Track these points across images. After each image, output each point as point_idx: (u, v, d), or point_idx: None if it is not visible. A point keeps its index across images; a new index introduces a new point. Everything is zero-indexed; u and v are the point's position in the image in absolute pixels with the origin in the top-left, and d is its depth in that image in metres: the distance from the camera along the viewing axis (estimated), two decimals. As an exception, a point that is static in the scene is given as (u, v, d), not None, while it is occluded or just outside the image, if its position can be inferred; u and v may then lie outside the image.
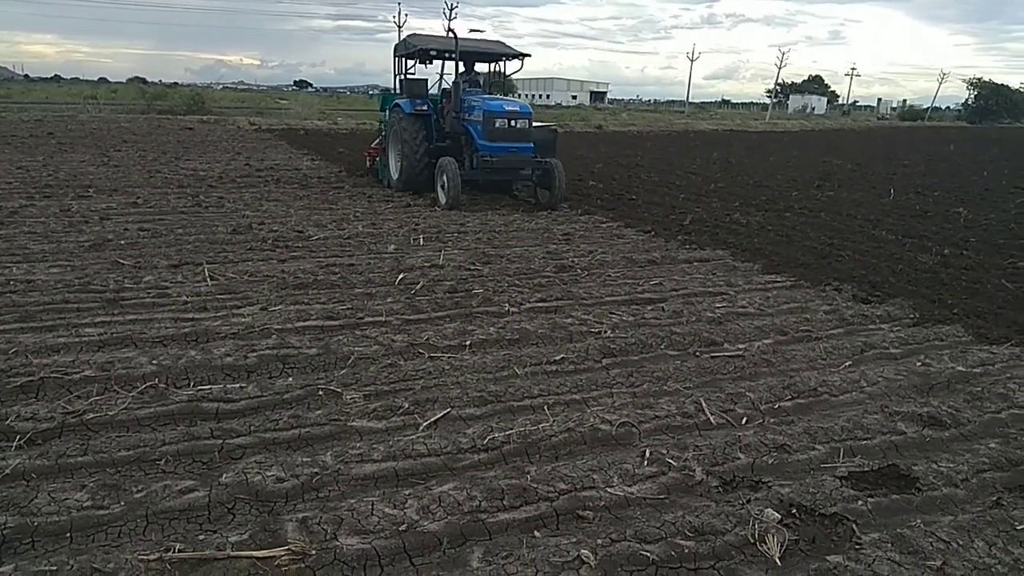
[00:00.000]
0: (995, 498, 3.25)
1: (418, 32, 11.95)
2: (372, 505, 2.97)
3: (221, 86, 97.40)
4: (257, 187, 12.16)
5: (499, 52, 12.18)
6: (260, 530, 2.83)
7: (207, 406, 3.87)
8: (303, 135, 24.40)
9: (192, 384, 4.15)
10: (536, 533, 2.89)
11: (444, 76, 12.54)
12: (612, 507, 3.08)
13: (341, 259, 7.31)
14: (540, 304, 5.96)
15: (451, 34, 11.31)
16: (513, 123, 10.71)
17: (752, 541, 2.84)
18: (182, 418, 3.77)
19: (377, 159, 13.59)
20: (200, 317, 5.28)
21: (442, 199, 10.81)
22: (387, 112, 12.96)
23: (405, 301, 5.83)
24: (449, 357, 4.68)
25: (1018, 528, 2.96)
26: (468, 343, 4.93)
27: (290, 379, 4.27)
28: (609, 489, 3.19)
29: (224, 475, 3.18)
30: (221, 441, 3.50)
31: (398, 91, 12.79)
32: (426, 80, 12.47)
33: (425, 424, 3.74)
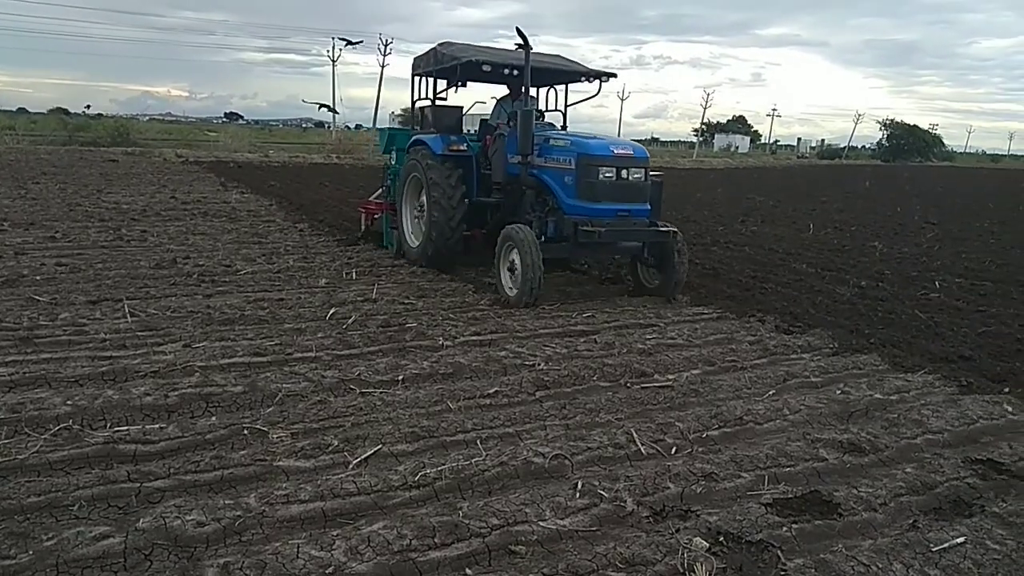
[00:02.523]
0: (912, 521, 3.37)
1: (452, 41, 8.89)
2: (298, 548, 2.88)
3: (148, 117, 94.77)
4: (183, 220, 11.84)
5: (577, 71, 8.59)
6: (179, 577, 2.71)
7: (124, 448, 3.69)
8: (233, 168, 23.97)
9: (108, 425, 3.97)
10: (468, 571, 2.85)
11: (496, 102, 9.12)
12: (545, 541, 3.06)
13: (270, 294, 7.16)
14: (474, 337, 5.95)
15: (520, 42, 7.28)
16: (625, 174, 7.11)
17: (682, 570, 2.87)
18: (97, 461, 3.59)
19: (378, 218, 10.37)
20: (119, 355, 5.07)
21: (508, 287, 7.22)
22: (393, 155, 9.85)
23: (336, 336, 5.73)
24: (381, 392, 4.61)
25: (933, 550, 3.07)
26: (401, 378, 4.87)
27: (213, 418, 4.13)
28: (542, 523, 3.17)
29: (141, 520, 3.03)
30: (139, 484, 3.34)
31: (416, 124, 9.48)
32: (461, 108, 9.21)
33: (355, 462, 3.66)
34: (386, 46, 48.80)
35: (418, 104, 9.35)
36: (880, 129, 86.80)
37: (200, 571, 2.75)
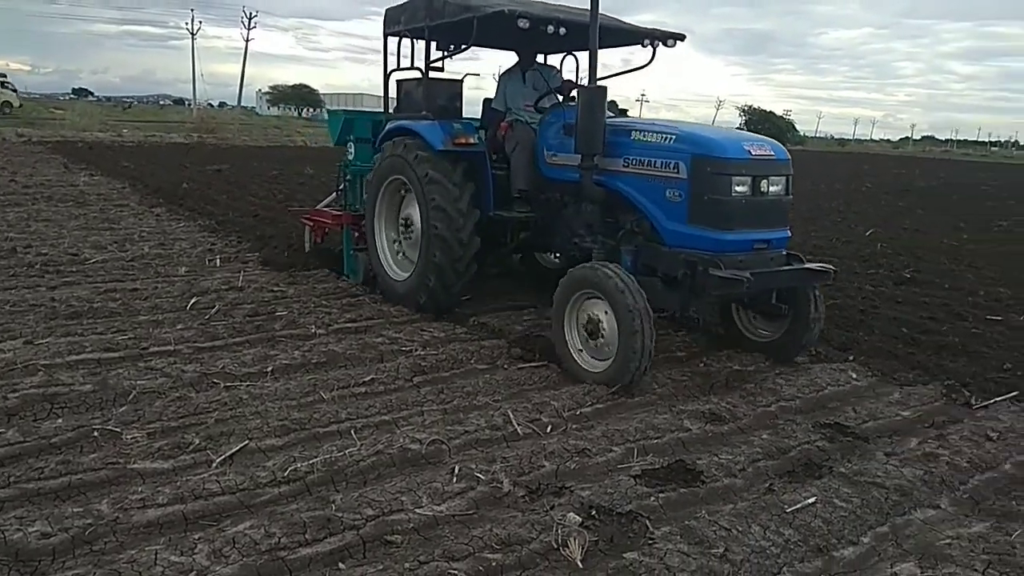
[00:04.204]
0: (768, 484, 3.59)
1: None
2: (156, 554, 2.71)
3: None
4: (24, 206, 10.86)
5: (637, 31, 6.17)
6: (19, 596, 2.48)
7: (-46, 458, 3.35)
8: (82, 148, 22.24)
9: (-65, 434, 3.58)
10: (341, 565, 2.78)
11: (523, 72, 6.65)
12: (421, 528, 3.03)
13: (123, 283, 6.69)
14: (349, 324, 5.80)
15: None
16: (764, 187, 4.77)
17: (556, 546, 2.92)
18: (-77, 473, 3.23)
19: (330, 234, 7.90)
20: (-53, 356, 4.58)
21: (583, 361, 4.91)
22: (351, 148, 7.38)
23: (198, 327, 5.43)
24: (248, 385, 4.41)
25: (788, 511, 3.28)
26: (270, 369, 4.68)
27: (59, 420, 3.81)
28: (418, 510, 3.14)
29: (-25, 536, 2.75)
30: (-28, 497, 3.04)
31: (391, 104, 6.91)
32: (459, 82, 6.80)
33: (219, 460, 3.48)
34: (250, 19, 46.63)
35: (395, 77, 6.84)
36: (739, 115, 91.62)
37: (44, 588, 2.53)
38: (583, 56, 6.67)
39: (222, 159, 20.90)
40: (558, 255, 6.74)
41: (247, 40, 47.21)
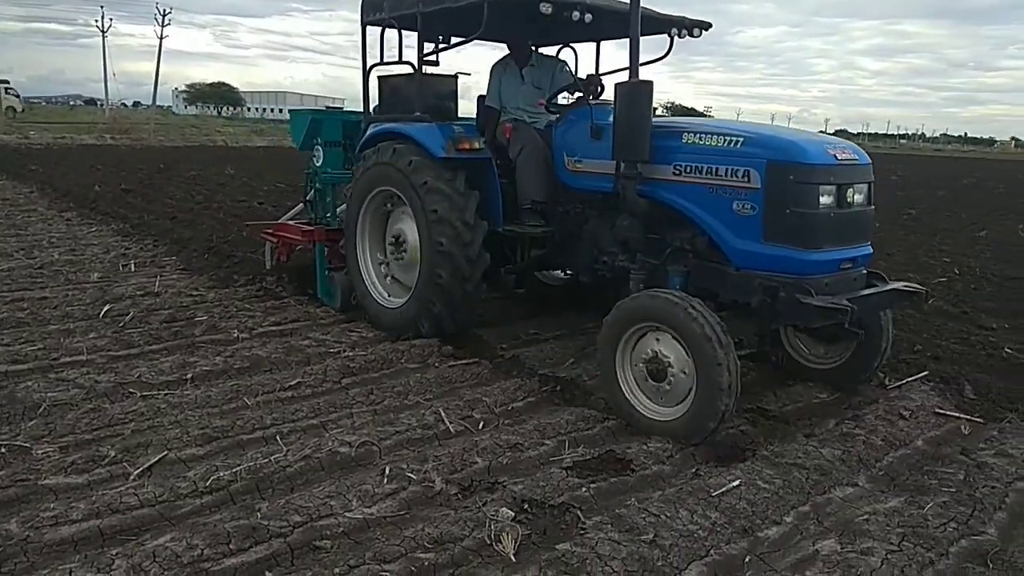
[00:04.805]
0: (694, 469, 3.67)
1: None
2: (70, 573, 2.59)
3: None
4: (-82, 213, 10.22)
5: (663, 19, 5.31)
6: (-84, 628, 2.33)
7: None
8: (-17, 151, 21.06)
9: None
10: (268, 574, 2.70)
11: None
12: (351, 532, 2.98)
13: (31, 292, 6.36)
14: (274, 328, 5.65)
15: None
16: (850, 196, 4.10)
17: (489, 542, 2.91)
18: None
19: (297, 251, 7.00)
20: None
21: (645, 407, 4.11)
22: (319, 151, 6.67)
23: (112, 336, 5.20)
24: (166, 394, 4.24)
25: (713, 495, 3.35)
26: (189, 376, 4.52)
27: (-38, 438, 3.59)
28: (348, 513, 3.08)
29: None
30: None
31: (373, 105, 6.19)
32: (455, 78, 6.30)
33: (136, 472, 3.33)
34: (164, 16, 45.12)
35: (376, 72, 6.07)
36: (663, 112, 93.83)
37: (-56, 618, 2.38)
38: (581, 48, 6.41)
39: (136, 160, 20.12)
40: (569, 272, 6.11)
41: (161, 38, 45.57)
